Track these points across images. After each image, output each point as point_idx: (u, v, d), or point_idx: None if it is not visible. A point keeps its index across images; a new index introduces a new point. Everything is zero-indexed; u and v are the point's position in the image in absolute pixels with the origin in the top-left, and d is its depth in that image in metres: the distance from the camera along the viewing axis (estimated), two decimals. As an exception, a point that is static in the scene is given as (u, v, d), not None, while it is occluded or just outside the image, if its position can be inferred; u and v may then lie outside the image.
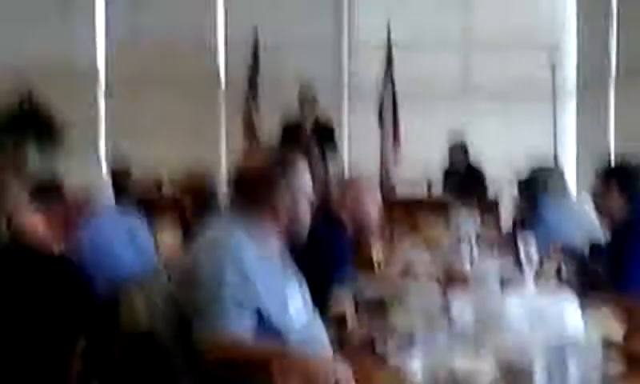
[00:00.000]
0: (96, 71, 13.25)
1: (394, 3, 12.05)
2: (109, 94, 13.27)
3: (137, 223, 5.24)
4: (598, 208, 4.99)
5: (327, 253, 4.40)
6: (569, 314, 3.29)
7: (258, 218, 3.07)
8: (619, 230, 4.85)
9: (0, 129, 12.67)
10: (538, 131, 11.83)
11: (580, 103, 12.47)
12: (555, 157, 10.78)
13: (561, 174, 7.33)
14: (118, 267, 4.90)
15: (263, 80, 12.05)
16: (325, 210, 4.37)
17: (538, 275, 3.70)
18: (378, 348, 3.30)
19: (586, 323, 3.34)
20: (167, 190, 11.19)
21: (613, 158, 9.68)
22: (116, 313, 4.51)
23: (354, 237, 4.83)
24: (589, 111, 12.31)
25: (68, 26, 13.32)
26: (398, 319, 3.94)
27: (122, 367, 4.06)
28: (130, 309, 4.55)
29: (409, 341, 3.30)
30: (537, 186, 6.77)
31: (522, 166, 7.49)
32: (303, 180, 3.19)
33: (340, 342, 3.36)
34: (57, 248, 4.91)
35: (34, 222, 4.59)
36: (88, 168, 11.59)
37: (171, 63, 12.84)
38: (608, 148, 11.61)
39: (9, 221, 3.26)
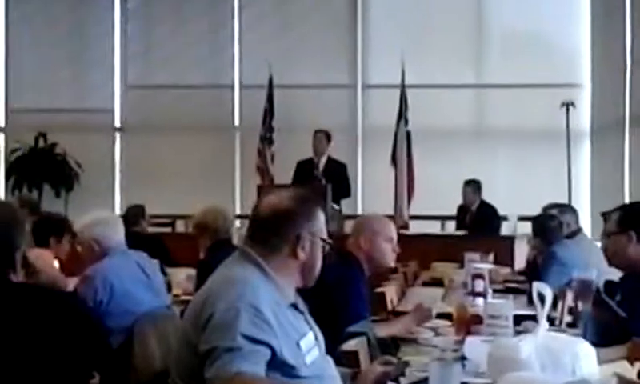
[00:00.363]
0: (112, 113, 13.32)
1: (409, 46, 12.08)
2: (124, 135, 13.34)
3: (148, 261, 5.21)
4: (607, 249, 4.94)
5: (343, 291, 4.39)
6: (583, 355, 3.27)
7: (273, 255, 3.05)
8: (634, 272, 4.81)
9: (16, 168, 12.76)
10: (551, 172, 11.82)
11: (594, 145, 12.42)
12: (569, 198, 10.75)
13: (574, 213, 7.32)
14: (132, 304, 4.88)
15: (278, 122, 12.08)
16: (339, 249, 4.35)
17: (551, 314, 3.68)
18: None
19: (599, 365, 3.32)
20: (181, 228, 11.24)
21: (628, 200, 9.66)
22: (129, 352, 4.51)
23: (370, 275, 4.81)
24: (603, 153, 12.28)
25: (84, 69, 13.45)
26: (411, 358, 3.93)
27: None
28: (144, 348, 4.54)
29: (422, 380, 3.29)
30: (551, 224, 6.75)
31: (535, 205, 7.50)
32: (320, 223, 3.14)
33: (352, 379, 3.34)
34: (68, 286, 4.94)
35: (47, 261, 4.60)
36: (102, 207, 11.58)
37: (186, 105, 12.95)
38: (622, 190, 11.55)
39: (24, 259, 3.26)
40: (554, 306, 4.48)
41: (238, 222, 11.03)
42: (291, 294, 3.08)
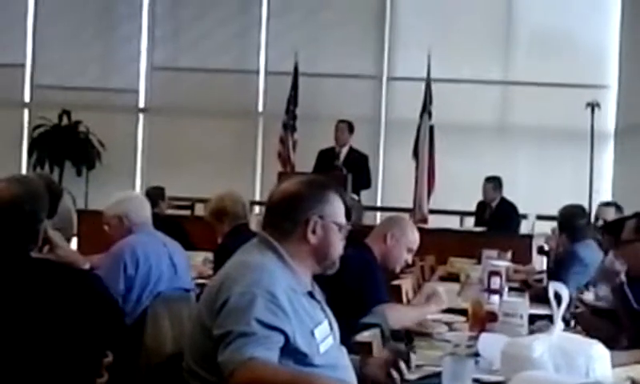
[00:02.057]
0: (136, 93, 13.36)
1: (436, 39, 12.06)
2: (148, 116, 13.37)
3: (173, 243, 5.30)
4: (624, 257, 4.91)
5: (362, 278, 4.39)
6: (597, 357, 3.26)
7: (287, 240, 3.03)
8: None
9: (39, 144, 12.82)
10: (573, 173, 11.79)
11: (618, 147, 12.37)
12: (590, 199, 10.70)
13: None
14: (154, 281, 4.96)
15: (301, 109, 12.08)
16: (355, 236, 4.35)
17: (568, 314, 3.66)
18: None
19: (613, 368, 3.31)
20: (200, 211, 11.26)
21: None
22: (142, 332, 4.52)
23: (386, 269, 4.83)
24: (627, 156, 12.22)
25: (111, 48, 13.50)
26: (425, 352, 3.93)
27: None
28: (157, 330, 4.55)
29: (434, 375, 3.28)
30: (579, 222, 6.71)
31: (555, 204, 7.45)
32: (333, 207, 3.10)
33: (361, 367, 3.33)
34: (84, 264, 4.98)
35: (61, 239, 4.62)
36: (123, 187, 11.64)
37: (210, 90, 12.96)
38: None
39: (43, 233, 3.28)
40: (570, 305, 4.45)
41: (257, 209, 11.05)
42: (307, 282, 3.07)
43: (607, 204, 8.09)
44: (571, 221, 6.77)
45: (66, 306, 2.92)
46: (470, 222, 11.33)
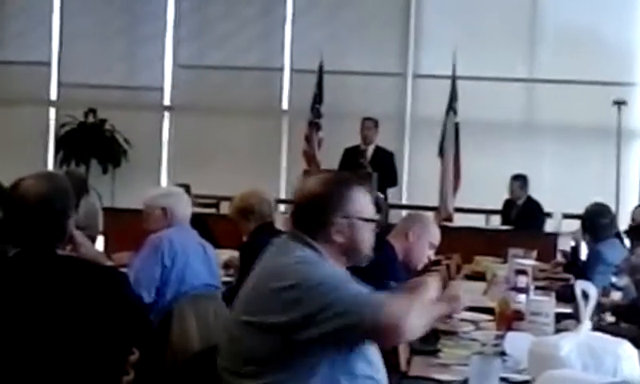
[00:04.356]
0: (162, 91, 13.39)
1: (461, 36, 12.01)
2: (173, 114, 13.41)
3: (205, 242, 5.38)
4: None
5: (381, 274, 4.38)
6: (625, 357, 3.23)
7: (317, 239, 3.01)
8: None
9: (65, 142, 12.88)
10: (599, 171, 11.71)
11: (645, 144, 12.30)
12: (617, 198, 10.64)
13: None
14: (190, 276, 5.02)
15: (326, 107, 12.07)
16: (380, 234, 4.34)
17: (595, 312, 3.63)
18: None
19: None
20: (225, 209, 11.27)
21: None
22: (168, 329, 4.53)
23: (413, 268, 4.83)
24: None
25: (136, 46, 13.55)
26: (451, 351, 3.92)
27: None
28: (183, 327, 4.56)
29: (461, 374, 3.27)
30: (602, 221, 6.67)
31: (581, 203, 7.41)
32: (357, 203, 3.07)
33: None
34: (108, 263, 4.98)
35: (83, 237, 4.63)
36: (149, 185, 11.67)
37: (235, 87, 12.98)
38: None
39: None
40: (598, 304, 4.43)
41: (282, 207, 11.05)
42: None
43: None
44: (594, 220, 6.74)
45: (92, 304, 2.93)
46: (495, 220, 11.29)
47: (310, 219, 3.05)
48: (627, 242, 7.18)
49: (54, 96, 13.64)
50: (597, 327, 4.14)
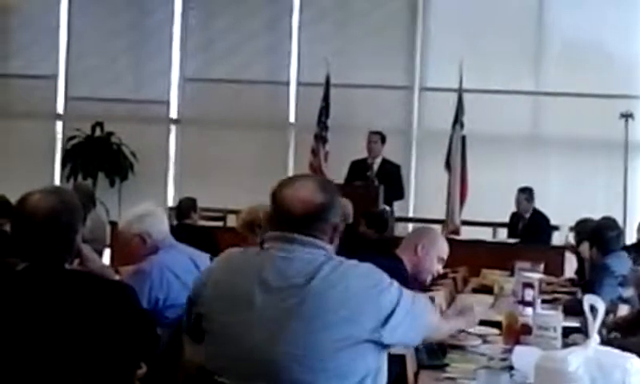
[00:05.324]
0: (168, 104, 13.42)
1: (467, 50, 12.01)
2: (180, 128, 13.43)
3: (199, 255, 5.18)
4: None
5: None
6: (634, 372, 3.22)
7: (324, 241, 3.08)
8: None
9: (72, 155, 12.91)
10: (606, 184, 11.71)
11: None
12: (624, 211, 10.63)
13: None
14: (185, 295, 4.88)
15: (333, 120, 12.08)
16: (385, 245, 4.35)
17: (602, 326, 3.63)
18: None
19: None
20: (232, 222, 11.27)
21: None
22: (179, 344, 4.52)
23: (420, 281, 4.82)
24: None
25: (143, 60, 13.58)
26: (459, 365, 3.91)
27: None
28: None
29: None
30: (609, 234, 6.66)
31: (590, 216, 7.41)
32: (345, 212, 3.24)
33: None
34: (114, 276, 4.94)
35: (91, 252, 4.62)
36: (156, 198, 11.67)
37: (242, 101, 13.00)
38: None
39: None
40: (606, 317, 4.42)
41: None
42: None
43: None
44: (601, 234, 6.72)
45: (100, 318, 2.94)
46: (502, 234, 11.29)
47: (319, 226, 3.07)
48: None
49: (60, 109, 13.68)
50: (604, 341, 4.13)
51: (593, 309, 3.36)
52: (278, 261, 3.02)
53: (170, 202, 12.50)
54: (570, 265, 9.08)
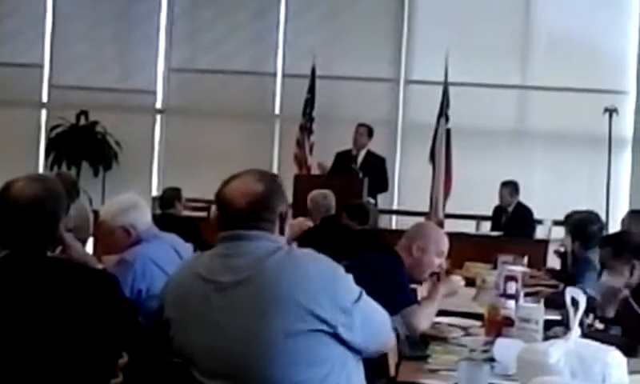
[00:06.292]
0: (154, 94, 13.38)
1: (454, 43, 12.01)
2: (165, 118, 13.41)
3: (182, 245, 5.14)
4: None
5: (393, 277, 4.38)
6: (614, 364, 3.24)
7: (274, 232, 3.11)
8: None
9: (56, 144, 12.86)
10: (590, 178, 11.76)
11: (636, 154, 12.29)
12: (607, 206, 10.66)
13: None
14: None
15: (318, 112, 12.09)
16: (368, 237, 4.34)
17: (583, 319, 3.64)
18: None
19: (630, 375, 3.30)
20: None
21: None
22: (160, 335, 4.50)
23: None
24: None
25: (128, 49, 13.54)
26: (440, 357, 3.92)
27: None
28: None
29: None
30: (592, 229, 6.68)
31: (573, 210, 7.43)
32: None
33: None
34: (97, 266, 4.90)
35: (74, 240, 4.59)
36: (140, 188, 11.64)
37: (228, 91, 12.98)
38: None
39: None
40: (586, 313, 4.44)
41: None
42: None
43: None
44: (584, 228, 6.75)
45: (81, 306, 2.93)
46: (485, 227, 11.32)
47: (266, 215, 3.09)
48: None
49: (45, 98, 13.62)
50: (586, 334, 4.15)
51: (574, 301, 3.38)
52: (227, 260, 3.06)
53: (155, 192, 12.48)
54: (554, 259, 9.09)
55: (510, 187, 10.81)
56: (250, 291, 2.95)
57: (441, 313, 4.71)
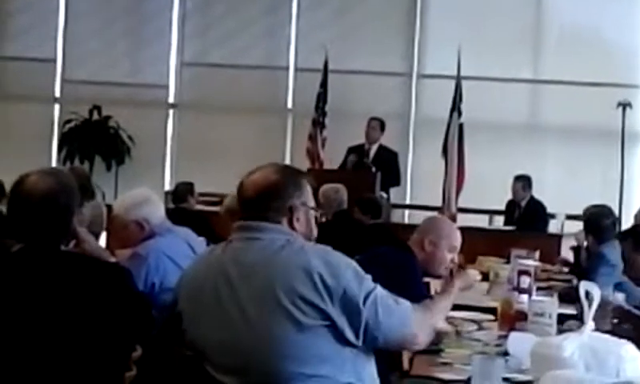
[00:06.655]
0: (166, 89, 13.40)
1: (466, 37, 11.98)
2: (177, 112, 13.42)
3: (195, 239, 5.14)
4: None
5: (406, 273, 4.36)
6: (628, 358, 3.23)
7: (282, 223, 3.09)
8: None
9: (69, 139, 12.88)
10: (603, 173, 11.74)
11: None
12: (620, 200, 10.63)
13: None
14: None
15: (331, 106, 12.08)
16: (380, 231, 4.33)
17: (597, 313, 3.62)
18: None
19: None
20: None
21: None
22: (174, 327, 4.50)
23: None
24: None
25: (141, 44, 13.55)
26: (454, 351, 3.91)
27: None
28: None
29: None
30: (605, 222, 6.66)
31: (584, 204, 7.41)
32: (308, 192, 3.18)
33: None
34: (111, 259, 4.90)
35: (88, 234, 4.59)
36: (153, 182, 11.67)
37: (240, 86, 12.98)
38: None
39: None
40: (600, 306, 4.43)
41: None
42: None
43: None
44: (597, 222, 6.74)
45: (95, 300, 2.94)
46: (498, 221, 11.29)
47: (272, 207, 3.09)
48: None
49: (58, 93, 13.65)
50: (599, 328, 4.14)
51: (588, 295, 3.37)
52: (237, 253, 3.07)
53: (167, 187, 12.49)
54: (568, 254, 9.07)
55: (523, 181, 10.78)
56: (258, 285, 2.95)
57: (454, 307, 4.67)
